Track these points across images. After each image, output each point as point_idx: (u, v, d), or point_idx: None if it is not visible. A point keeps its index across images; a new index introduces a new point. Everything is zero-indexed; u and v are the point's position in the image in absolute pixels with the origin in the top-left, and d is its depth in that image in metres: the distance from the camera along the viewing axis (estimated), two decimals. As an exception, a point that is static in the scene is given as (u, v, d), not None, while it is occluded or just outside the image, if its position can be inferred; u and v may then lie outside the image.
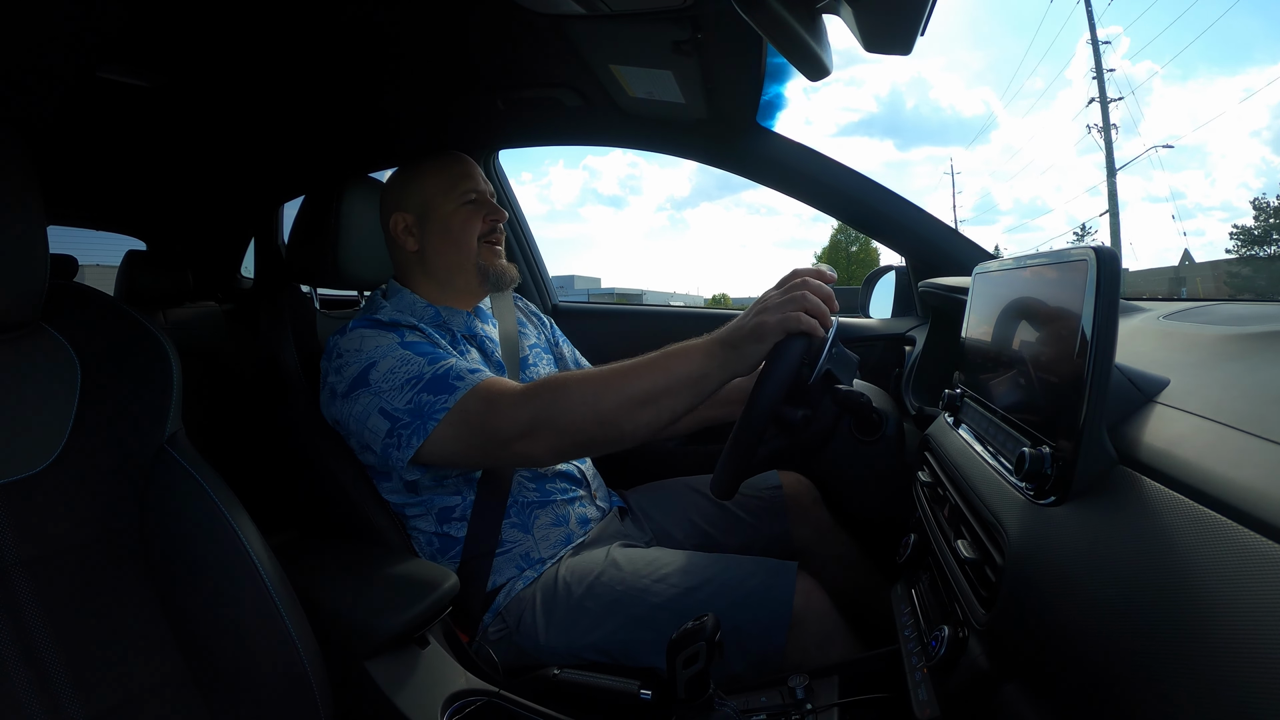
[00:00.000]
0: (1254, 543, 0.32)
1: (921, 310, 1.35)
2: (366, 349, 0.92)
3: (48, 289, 0.64)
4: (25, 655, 0.56)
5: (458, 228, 1.05)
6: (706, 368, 0.82)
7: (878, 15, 0.67)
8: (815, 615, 0.88)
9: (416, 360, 0.90)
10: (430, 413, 0.86)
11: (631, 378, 0.82)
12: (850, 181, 1.29)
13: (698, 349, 0.83)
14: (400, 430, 0.87)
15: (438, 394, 0.86)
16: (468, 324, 1.07)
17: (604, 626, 0.90)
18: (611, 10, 0.84)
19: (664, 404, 0.81)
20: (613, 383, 0.82)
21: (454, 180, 1.06)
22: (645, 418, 0.81)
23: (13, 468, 0.60)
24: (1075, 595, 0.43)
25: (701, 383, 0.82)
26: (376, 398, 0.88)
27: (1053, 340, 0.52)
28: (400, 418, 0.87)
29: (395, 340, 0.93)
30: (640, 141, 1.42)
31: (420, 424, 0.86)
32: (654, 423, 0.82)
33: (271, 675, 0.66)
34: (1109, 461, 0.44)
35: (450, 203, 1.05)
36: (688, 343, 0.84)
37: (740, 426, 0.81)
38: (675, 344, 0.84)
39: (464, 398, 0.86)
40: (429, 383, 0.87)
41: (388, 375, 0.89)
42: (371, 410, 0.89)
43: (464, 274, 1.07)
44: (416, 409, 0.86)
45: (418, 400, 0.87)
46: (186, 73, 1.17)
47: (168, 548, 0.65)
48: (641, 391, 0.81)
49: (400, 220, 1.06)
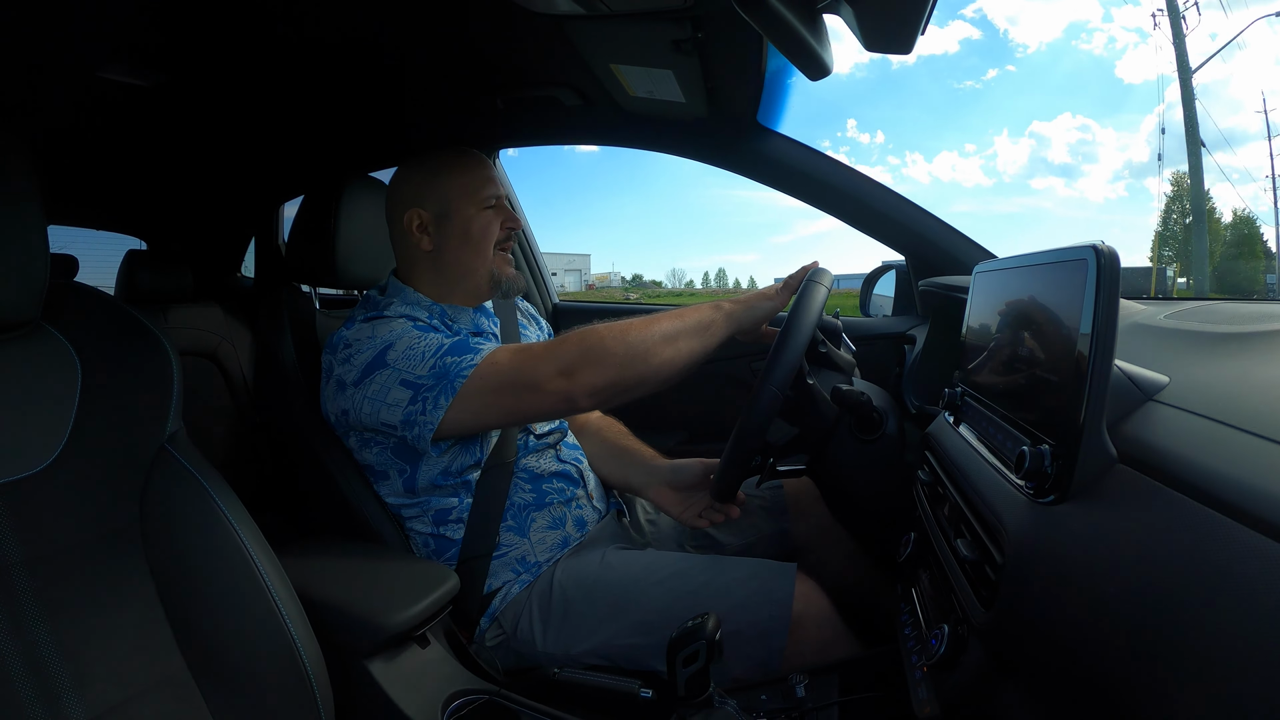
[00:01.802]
0: (1254, 542, 0.32)
1: (921, 309, 1.35)
2: (380, 334, 0.91)
3: (48, 289, 0.64)
4: (25, 655, 0.56)
5: (478, 232, 1.04)
6: (714, 316, 0.92)
7: (878, 15, 0.67)
8: (815, 617, 0.88)
9: (434, 336, 0.91)
10: (457, 371, 0.87)
11: (652, 321, 0.90)
12: (850, 181, 1.29)
13: (705, 304, 0.94)
14: (425, 394, 0.87)
15: (463, 354, 0.88)
16: (474, 321, 1.07)
17: (602, 632, 0.90)
18: (611, 10, 0.84)
19: (682, 343, 0.89)
20: (635, 324, 0.89)
21: (479, 184, 1.04)
22: (668, 354, 0.88)
23: (13, 468, 0.60)
24: (1075, 594, 0.43)
25: (710, 329, 0.91)
26: (396, 372, 0.89)
27: (1053, 339, 0.52)
28: (424, 383, 0.87)
29: (409, 324, 0.94)
30: (640, 141, 1.41)
31: (447, 384, 0.87)
32: (675, 359, 0.88)
33: (272, 674, 0.66)
34: (1109, 460, 0.44)
35: (472, 206, 1.04)
36: (696, 304, 0.94)
37: (742, 424, 0.81)
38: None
39: (493, 352, 0.89)
40: (451, 347, 0.89)
41: (406, 352, 0.89)
42: (391, 385, 0.89)
43: (475, 278, 1.05)
44: (441, 372, 0.87)
45: (441, 364, 0.88)
46: (186, 73, 1.16)
47: (168, 547, 0.65)
48: (663, 331, 0.89)
49: (416, 217, 1.03)
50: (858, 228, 1.32)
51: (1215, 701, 0.31)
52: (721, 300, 0.94)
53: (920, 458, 0.84)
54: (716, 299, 0.95)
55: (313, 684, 0.67)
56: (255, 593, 0.66)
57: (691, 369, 0.91)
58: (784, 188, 1.33)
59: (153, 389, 0.69)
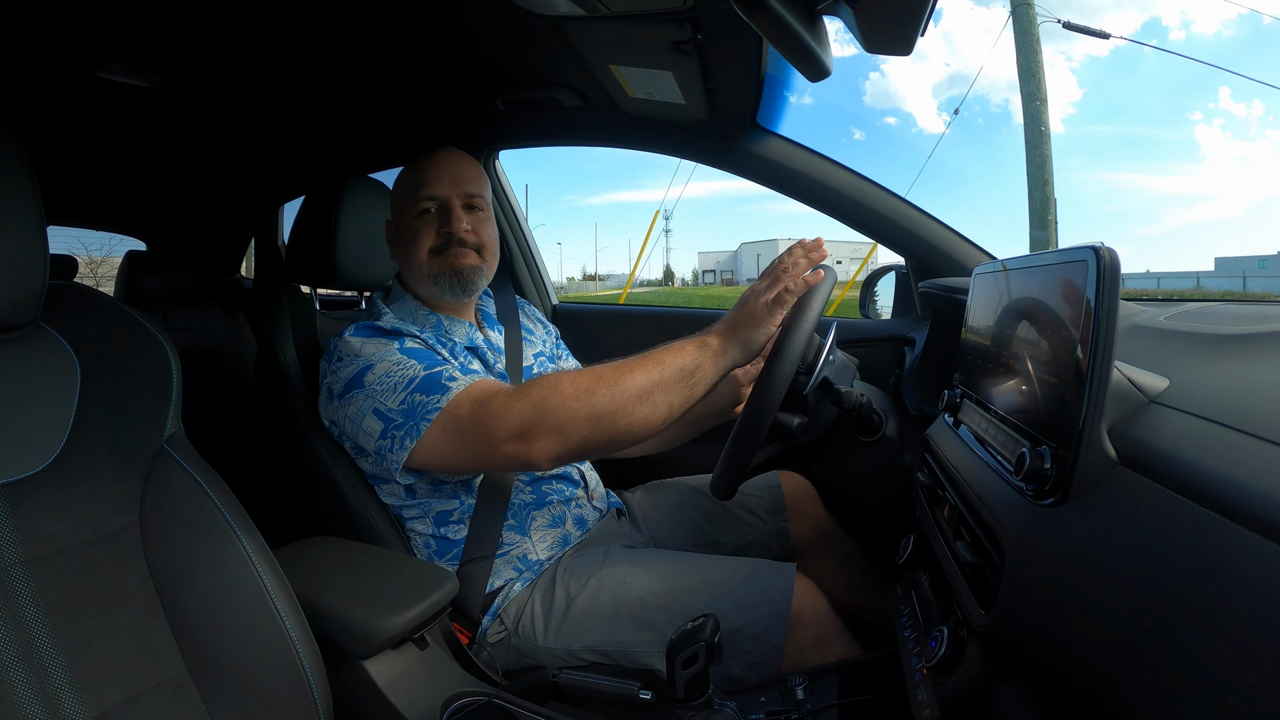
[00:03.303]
0: (1254, 543, 0.32)
1: (921, 311, 1.35)
2: (365, 352, 0.91)
3: (47, 289, 0.64)
4: (25, 655, 0.56)
5: (409, 239, 1.01)
6: (699, 359, 0.82)
7: (878, 16, 0.67)
8: (814, 616, 0.88)
9: (412, 364, 0.89)
10: (423, 413, 0.84)
11: (624, 372, 0.80)
12: (850, 183, 1.29)
13: (690, 342, 0.83)
14: (394, 431, 0.86)
15: (430, 394, 0.85)
16: (469, 336, 1.06)
17: (602, 628, 0.90)
18: (611, 11, 0.84)
19: (659, 399, 0.80)
20: (606, 377, 0.80)
21: (414, 188, 1.01)
22: (641, 413, 0.79)
23: (13, 468, 0.60)
24: (1075, 596, 0.43)
25: (695, 375, 0.81)
26: (371, 399, 0.88)
27: (1052, 341, 0.52)
28: (394, 418, 0.86)
29: (395, 346, 0.92)
30: (640, 142, 1.41)
31: (413, 424, 0.85)
32: (650, 419, 0.80)
33: (270, 675, 0.66)
34: (1109, 462, 0.44)
35: (407, 214, 1.02)
36: (681, 340, 0.84)
37: (743, 421, 0.81)
38: (669, 342, 0.84)
39: (456, 397, 0.84)
40: (422, 383, 0.86)
41: (383, 378, 0.88)
42: (366, 411, 0.88)
43: (424, 285, 1.03)
44: (410, 409, 0.85)
45: (410, 401, 0.86)
46: (187, 73, 1.17)
47: (167, 548, 0.65)
48: (635, 386, 0.79)
49: (390, 227, 1.07)
50: (858, 229, 1.32)
51: (1215, 703, 0.31)
52: (709, 335, 0.83)
53: (920, 459, 0.84)
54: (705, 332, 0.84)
55: (311, 685, 0.67)
56: (254, 594, 0.66)
57: (675, 419, 0.82)
58: (784, 189, 1.33)
59: (152, 390, 0.69)
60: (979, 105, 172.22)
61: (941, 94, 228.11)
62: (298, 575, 0.73)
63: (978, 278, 0.79)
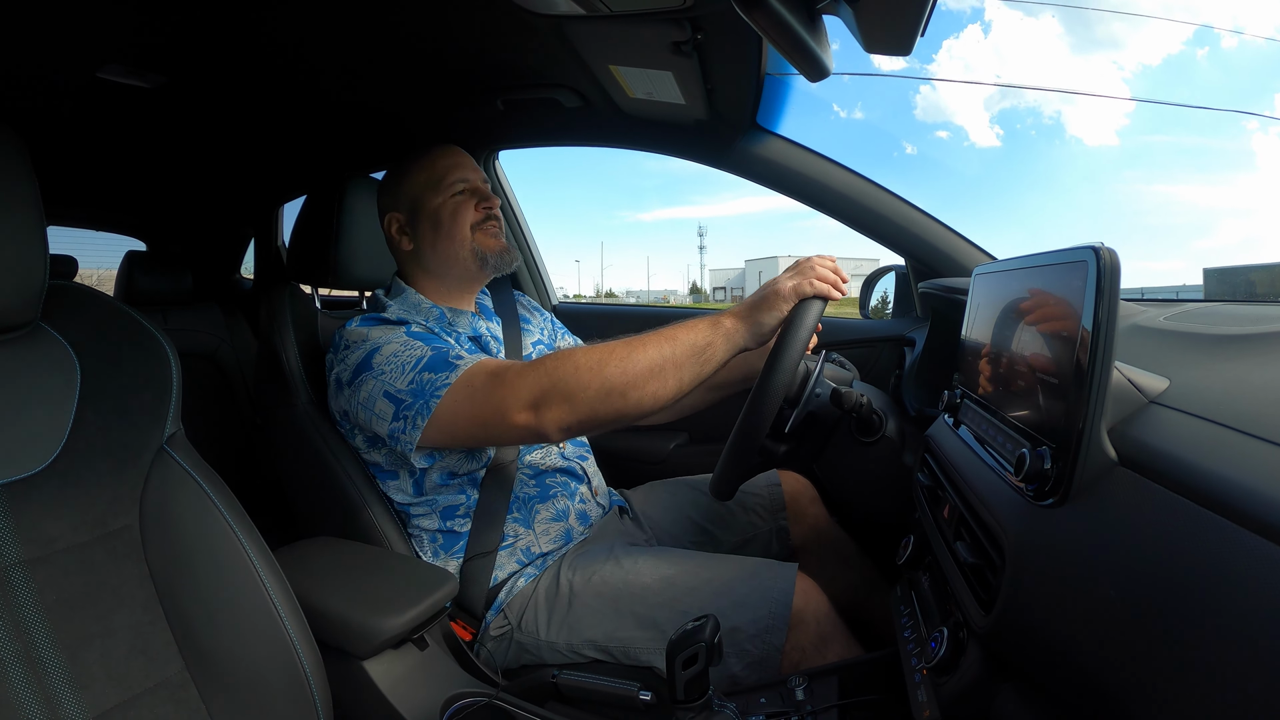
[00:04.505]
0: (1254, 544, 0.32)
1: (921, 311, 1.35)
2: (373, 336, 0.93)
3: (47, 289, 0.64)
4: (24, 656, 0.56)
5: (448, 218, 1.04)
6: (711, 337, 0.84)
7: (878, 15, 0.67)
8: (814, 616, 0.88)
9: (419, 345, 0.90)
10: (433, 389, 0.86)
11: (637, 347, 0.82)
12: (850, 183, 1.29)
13: (703, 320, 0.86)
14: (405, 412, 0.87)
15: (439, 371, 0.87)
16: (472, 325, 1.08)
17: (604, 625, 0.90)
18: (611, 11, 0.84)
19: (670, 374, 0.82)
20: (618, 351, 0.82)
21: (442, 173, 1.05)
22: (652, 388, 0.81)
23: (12, 468, 0.60)
24: (1075, 597, 0.42)
25: (706, 352, 0.83)
26: (380, 381, 0.89)
27: (1052, 341, 0.52)
28: (404, 399, 0.87)
29: (401, 330, 0.94)
30: (640, 142, 1.41)
31: (424, 402, 0.86)
32: (660, 393, 0.82)
33: (270, 676, 0.66)
34: (1109, 463, 0.44)
35: (438, 196, 1.05)
36: (695, 318, 0.87)
37: (743, 420, 0.81)
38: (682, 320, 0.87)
39: (468, 370, 0.86)
40: (429, 362, 0.88)
41: (391, 359, 0.89)
42: (377, 395, 0.89)
43: (460, 264, 1.05)
44: (419, 388, 0.86)
45: (419, 380, 0.87)
46: (186, 74, 1.17)
47: (166, 549, 0.65)
48: (648, 360, 0.81)
49: (393, 221, 1.07)
50: (858, 230, 1.32)
51: (1215, 704, 0.31)
52: (723, 315, 0.86)
53: (920, 460, 0.84)
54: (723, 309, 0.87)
55: (311, 686, 0.67)
56: (253, 595, 0.66)
57: (685, 396, 0.84)
58: (784, 190, 1.33)
59: (152, 390, 0.69)
60: (1031, 117, 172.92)
61: (993, 106, 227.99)
62: (298, 575, 0.73)
63: (978, 278, 0.79)
